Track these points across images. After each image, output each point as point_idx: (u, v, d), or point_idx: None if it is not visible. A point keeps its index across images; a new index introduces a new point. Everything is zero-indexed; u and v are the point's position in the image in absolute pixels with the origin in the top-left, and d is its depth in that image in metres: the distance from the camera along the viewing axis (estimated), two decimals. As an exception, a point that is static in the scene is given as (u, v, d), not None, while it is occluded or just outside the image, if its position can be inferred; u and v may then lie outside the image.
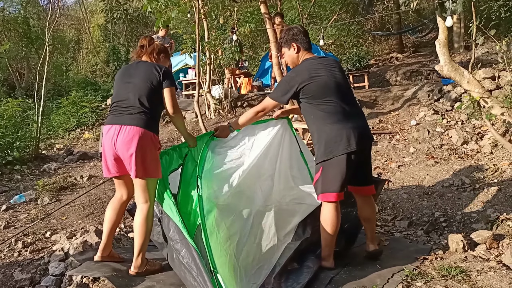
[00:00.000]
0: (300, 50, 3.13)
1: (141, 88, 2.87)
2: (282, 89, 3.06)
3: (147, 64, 3.00)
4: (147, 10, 7.48)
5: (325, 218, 2.96)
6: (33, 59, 15.49)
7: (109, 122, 2.90)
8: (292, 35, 3.14)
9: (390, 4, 17.02)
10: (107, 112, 10.09)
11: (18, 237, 3.99)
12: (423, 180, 4.99)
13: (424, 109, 7.52)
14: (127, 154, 2.79)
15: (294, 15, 15.19)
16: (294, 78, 3.01)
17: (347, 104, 2.98)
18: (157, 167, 2.92)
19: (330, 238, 2.97)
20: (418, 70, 11.88)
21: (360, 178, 3.08)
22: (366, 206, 3.18)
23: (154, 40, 3.16)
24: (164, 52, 3.16)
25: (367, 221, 3.21)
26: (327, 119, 2.92)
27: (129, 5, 17.69)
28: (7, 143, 6.77)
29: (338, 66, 3.12)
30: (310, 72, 2.98)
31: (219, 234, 2.69)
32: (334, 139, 2.88)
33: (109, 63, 16.05)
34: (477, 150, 5.64)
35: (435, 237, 3.75)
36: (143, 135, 2.79)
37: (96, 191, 5.18)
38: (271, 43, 8.37)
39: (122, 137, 2.79)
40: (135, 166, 2.79)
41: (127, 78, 2.97)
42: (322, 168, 2.94)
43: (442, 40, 5.85)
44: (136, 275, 2.89)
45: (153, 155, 2.87)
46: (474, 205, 4.12)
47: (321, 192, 2.96)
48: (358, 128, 2.92)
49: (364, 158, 3.08)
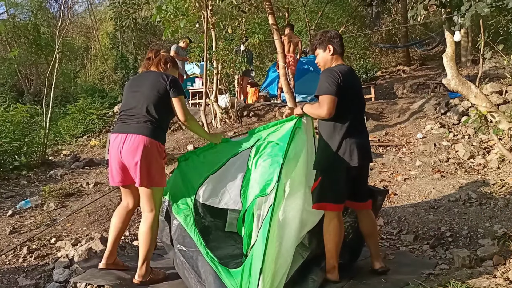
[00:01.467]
0: (335, 53, 3.12)
1: (148, 97, 2.89)
2: (330, 82, 2.91)
3: (154, 74, 3.03)
4: (156, 19, 7.59)
5: (328, 229, 2.96)
6: (42, 65, 15.65)
7: (116, 131, 2.93)
8: (330, 37, 3.14)
9: (397, 17, 17.08)
10: (114, 119, 10.16)
11: (23, 242, 4.00)
12: (429, 194, 4.96)
13: (431, 122, 7.50)
14: (132, 162, 2.81)
15: (301, 27, 15.29)
16: (339, 73, 2.93)
17: (359, 121, 3.04)
18: (162, 176, 2.93)
19: (334, 250, 2.97)
20: (425, 83, 11.86)
21: (357, 194, 3.09)
22: (366, 220, 3.17)
23: (160, 52, 3.19)
24: (171, 62, 3.18)
25: (368, 236, 3.18)
26: (338, 130, 2.95)
27: (138, 14, 17.86)
28: (14, 148, 6.82)
29: (361, 85, 3.18)
30: (348, 78, 2.97)
31: (276, 231, 2.63)
32: (338, 151, 2.92)
33: (117, 70, 16.18)
34: (484, 165, 5.61)
35: (441, 252, 3.71)
36: (149, 144, 2.80)
37: (101, 198, 5.20)
38: (278, 54, 8.40)
39: (128, 145, 2.81)
40: (140, 174, 2.80)
41: (135, 88, 3.00)
42: (321, 177, 2.97)
43: (449, 54, 5.87)
44: (140, 284, 2.89)
45: (158, 164, 2.88)
46: (480, 221, 4.09)
47: (317, 202, 2.99)
48: (362, 146, 2.97)
49: (362, 175, 3.11)
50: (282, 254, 2.67)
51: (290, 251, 2.76)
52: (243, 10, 7.78)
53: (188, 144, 7.97)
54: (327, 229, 2.96)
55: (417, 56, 16.33)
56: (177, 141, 8.38)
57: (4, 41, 15.63)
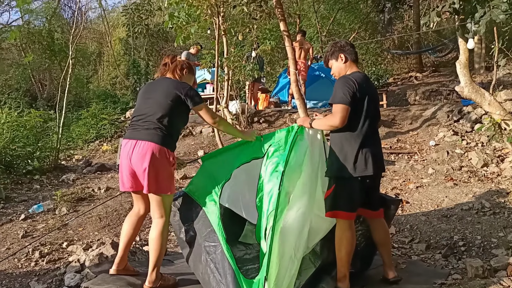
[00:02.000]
0: (347, 60, 3.12)
1: (161, 104, 2.90)
2: (345, 91, 2.89)
3: (170, 81, 3.02)
4: (168, 25, 7.65)
5: (340, 238, 2.94)
6: (56, 70, 15.86)
7: (127, 137, 2.95)
8: (340, 46, 3.15)
9: (409, 23, 17.01)
10: (125, 124, 10.24)
11: (35, 246, 4.04)
12: (442, 202, 4.91)
13: (444, 129, 7.42)
14: (141, 168, 2.82)
15: (313, 33, 15.30)
16: (354, 81, 2.92)
17: (373, 130, 3.02)
18: (171, 184, 2.94)
19: (345, 258, 2.94)
20: (438, 90, 11.76)
21: (370, 203, 3.07)
22: (379, 229, 3.14)
23: (177, 58, 3.19)
24: (187, 68, 3.16)
25: (381, 245, 3.15)
26: (353, 139, 2.93)
27: (150, 20, 18.05)
28: (27, 153, 6.91)
29: (377, 93, 3.18)
30: (363, 86, 2.96)
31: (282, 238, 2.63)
32: (353, 160, 2.90)
33: (129, 76, 16.33)
34: (498, 173, 5.54)
35: (454, 261, 3.66)
36: (157, 151, 2.81)
37: (113, 203, 5.23)
38: (289, 60, 8.41)
39: (137, 152, 2.82)
40: (148, 181, 2.81)
41: (149, 94, 3.01)
42: (335, 185, 2.95)
43: (463, 61, 5.82)
44: None
45: (167, 171, 2.89)
46: (494, 230, 4.03)
47: (330, 210, 2.98)
48: (376, 156, 2.96)
49: (374, 184, 3.10)
50: (288, 261, 2.65)
51: (296, 258, 2.73)
52: (255, 17, 7.80)
53: (198, 150, 8.00)
54: (339, 237, 2.95)
55: (429, 63, 16.23)
56: (188, 146, 8.41)
57: (19, 47, 15.88)
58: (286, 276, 2.62)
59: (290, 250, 2.69)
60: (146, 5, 17.23)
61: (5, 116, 7.18)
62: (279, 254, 2.58)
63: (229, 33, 8.35)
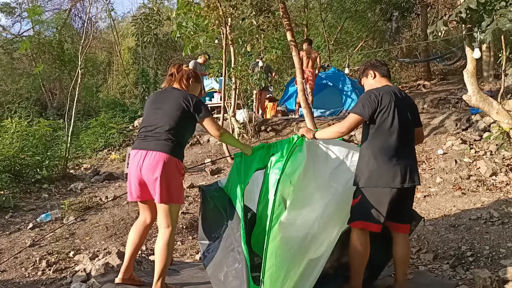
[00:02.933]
0: (376, 76, 3.16)
1: (170, 115, 2.92)
2: (365, 104, 2.95)
3: (178, 93, 3.03)
4: (176, 35, 7.73)
5: (355, 246, 2.94)
6: (66, 80, 16.05)
7: (136, 147, 2.97)
8: (370, 64, 3.22)
9: (417, 32, 16.97)
10: (134, 133, 10.31)
11: (42, 255, 4.07)
12: (450, 211, 4.86)
13: (452, 138, 7.37)
14: (152, 179, 2.84)
15: (320, 42, 15.34)
16: (377, 96, 2.95)
17: (405, 143, 2.98)
18: (181, 193, 2.96)
19: (359, 268, 2.94)
20: (446, 98, 11.68)
21: (397, 215, 3.02)
22: (402, 245, 3.08)
23: (183, 67, 3.21)
24: (193, 78, 3.19)
25: (400, 262, 3.08)
26: (381, 152, 2.93)
27: (159, 30, 18.22)
28: (36, 162, 6.98)
29: (413, 105, 3.16)
30: (391, 101, 2.95)
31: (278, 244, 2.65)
32: (380, 171, 2.90)
33: (138, 85, 16.47)
34: (507, 182, 5.48)
35: (461, 272, 3.62)
36: (168, 161, 2.83)
37: (119, 212, 5.26)
38: (296, 69, 8.44)
39: (148, 162, 2.84)
40: (160, 191, 2.83)
41: (157, 104, 3.03)
42: (362, 195, 2.94)
43: (470, 70, 5.79)
44: None
45: (177, 181, 2.91)
46: (502, 240, 3.98)
47: (356, 220, 2.96)
48: (406, 169, 2.91)
49: (406, 197, 3.04)
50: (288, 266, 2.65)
51: (298, 263, 2.73)
52: (262, 28, 7.85)
53: (206, 159, 8.03)
54: (353, 246, 2.94)
55: (438, 71, 16.14)
56: (195, 155, 8.44)
57: (30, 57, 16.10)
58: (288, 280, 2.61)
59: (290, 256, 2.69)
60: (155, 15, 17.40)
61: (14, 125, 7.26)
62: (276, 258, 2.58)
63: (236, 43, 8.41)
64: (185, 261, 4.16)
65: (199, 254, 4.33)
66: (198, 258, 4.24)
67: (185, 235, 4.85)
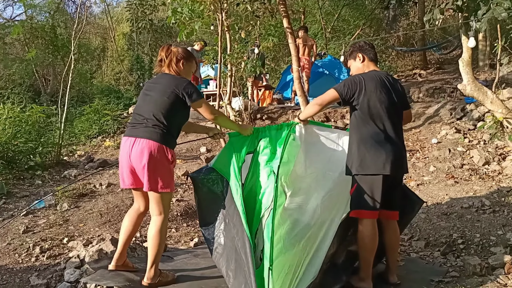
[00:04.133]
0: (365, 59, 3.15)
1: (158, 102, 2.89)
2: (347, 84, 3.00)
3: (168, 78, 2.99)
4: (172, 21, 7.64)
5: (362, 236, 2.95)
6: (59, 66, 15.87)
7: (126, 134, 2.95)
8: (358, 46, 3.19)
9: (415, 20, 16.89)
10: (128, 120, 10.25)
11: (36, 242, 4.07)
12: (442, 200, 4.90)
13: (446, 127, 7.40)
14: (140, 166, 2.83)
15: (317, 29, 15.23)
16: (361, 82, 2.98)
17: (393, 131, 3.00)
18: (170, 181, 2.94)
19: (368, 258, 2.96)
20: (442, 87, 11.68)
21: (387, 202, 3.04)
22: (392, 232, 3.13)
23: (171, 48, 3.07)
24: (184, 58, 3.08)
25: (390, 248, 3.13)
26: (369, 139, 2.95)
27: (154, 16, 18.02)
28: (29, 148, 6.92)
29: (401, 89, 3.13)
30: (377, 87, 2.97)
31: (283, 231, 2.65)
32: (370, 158, 2.92)
33: (132, 71, 16.33)
34: (499, 171, 5.52)
35: (452, 259, 3.67)
36: (156, 149, 2.81)
37: (114, 199, 5.26)
38: (292, 57, 8.39)
39: (136, 149, 2.83)
40: (148, 178, 2.82)
41: (147, 91, 3.01)
42: (357, 184, 2.96)
43: (465, 59, 5.79)
44: (149, 286, 2.90)
45: (166, 168, 2.89)
46: (493, 228, 4.02)
47: (355, 209, 2.99)
48: (394, 156, 2.94)
49: (394, 185, 3.07)
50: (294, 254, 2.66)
51: (304, 251, 2.74)
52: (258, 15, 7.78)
53: (201, 147, 8.01)
54: (361, 236, 2.95)
55: (434, 60, 16.13)
56: (190, 143, 8.41)
57: (22, 42, 15.90)
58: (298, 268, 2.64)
59: (296, 244, 2.70)
60: (150, 0, 17.20)
61: (7, 111, 7.19)
62: (284, 246, 2.59)
63: (232, 29, 8.34)
64: (180, 248, 4.18)
65: (193, 241, 4.36)
66: (192, 245, 4.26)
67: (179, 222, 4.87)
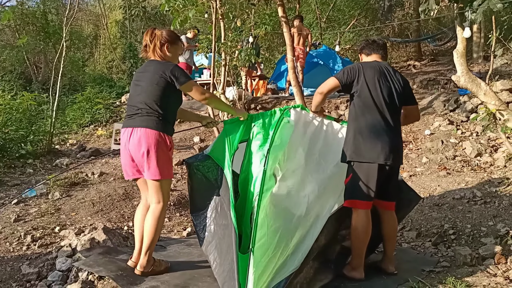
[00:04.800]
0: (371, 54, 3.24)
1: (148, 91, 2.86)
2: (346, 71, 3.06)
3: (154, 65, 2.93)
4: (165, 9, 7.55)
5: (356, 226, 2.97)
6: (51, 53, 15.67)
7: (124, 125, 2.94)
8: (369, 42, 3.28)
9: (410, 11, 16.85)
10: (121, 109, 10.19)
11: (27, 230, 4.04)
12: (434, 191, 4.93)
13: (439, 119, 7.42)
14: (139, 155, 2.82)
15: (312, 19, 15.16)
16: (360, 69, 3.03)
17: (391, 122, 3.01)
18: (169, 168, 2.93)
19: (361, 247, 2.99)
20: (435, 79, 11.70)
21: (383, 192, 3.07)
22: (390, 222, 3.15)
23: (155, 32, 2.99)
24: (168, 42, 3.00)
25: (388, 238, 3.16)
26: (366, 128, 2.97)
27: (147, 3, 17.85)
28: (20, 136, 6.85)
29: (404, 82, 3.14)
30: (375, 75, 3.00)
31: (269, 215, 2.63)
32: (365, 146, 2.94)
33: (125, 60, 16.19)
34: (491, 163, 5.55)
35: (443, 249, 3.70)
36: (153, 136, 2.80)
37: (106, 188, 5.23)
38: (287, 46, 8.34)
39: (134, 139, 2.82)
40: (148, 167, 2.81)
41: (137, 81, 2.97)
42: (352, 173, 2.98)
43: (460, 50, 5.76)
44: (141, 274, 2.90)
45: (165, 155, 2.88)
46: (484, 219, 4.05)
47: (349, 198, 3.00)
48: (390, 146, 2.95)
49: (390, 175, 3.08)
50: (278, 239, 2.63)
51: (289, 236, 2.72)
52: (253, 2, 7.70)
53: (194, 136, 7.99)
54: (355, 226, 2.97)
55: (428, 51, 16.12)
56: (184, 132, 8.37)
57: (13, 28, 15.67)
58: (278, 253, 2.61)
59: (281, 228, 2.68)
60: (143, -13, 17.04)
61: (-2, 99, 7.12)
62: (268, 229, 2.57)
63: (226, 18, 8.26)
64: (172, 237, 4.18)
65: (186, 230, 4.35)
66: (185, 235, 4.26)
67: (172, 212, 4.86)
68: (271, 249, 2.56)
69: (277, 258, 2.59)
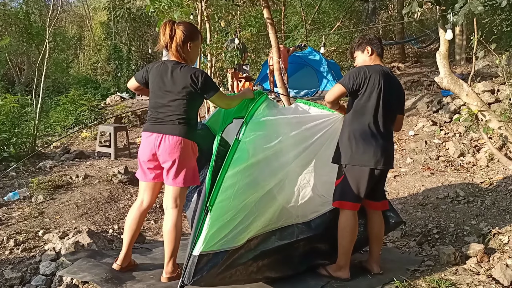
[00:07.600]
0: (373, 53, 3.16)
1: (176, 100, 2.80)
2: (352, 76, 2.99)
3: (181, 73, 2.81)
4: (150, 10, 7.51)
5: (344, 226, 2.99)
6: (34, 54, 15.47)
7: (150, 130, 2.86)
8: (368, 39, 3.19)
9: (394, 14, 17.05)
10: (105, 111, 10.09)
11: (10, 234, 3.97)
12: (418, 191, 5.00)
13: (423, 120, 7.53)
14: (168, 162, 2.79)
15: (297, 21, 15.23)
16: (366, 73, 2.97)
17: (385, 128, 3.02)
18: (195, 175, 2.92)
19: (347, 247, 3.00)
20: (419, 80, 11.86)
21: (372, 194, 3.09)
22: (377, 222, 3.18)
23: (175, 28, 2.85)
24: (190, 39, 2.88)
25: (375, 239, 3.19)
26: (362, 131, 2.97)
27: (132, 4, 17.69)
28: (3, 139, 6.73)
29: (400, 89, 3.16)
30: (380, 81, 2.97)
31: (239, 183, 2.61)
32: (361, 150, 2.95)
33: (110, 61, 16.04)
34: (473, 163, 5.65)
35: (427, 248, 3.74)
36: (185, 145, 2.79)
37: (91, 191, 5.18)
38: (273, 48, 8.37)
39: (164, 146, 2.78)
40: (175, 174, 2.80)
41: (164, 86, 2.85)
42: (344, 176, 2.99)
43: (443, 52, 5.86)
44: (168, 280, 2.85)
45: (192, 163, 2.88)
46: (467, 218, 4.12)
47: (338, 199, 3.02)
48: (384, 151, 2.97)
49: (380, 178, 3.12)
50: (241, 207, 2.63)
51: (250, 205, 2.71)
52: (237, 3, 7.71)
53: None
54: (342, 226, 2.99)
55: (412, 53, 16.33)
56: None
57: (-5, 29, 15.44)
58: (236, 222, 2.60)
59: (245, 196, 2.67)
60: (127, -12, 16.89)
61: (-21, 101, 6.99)
62: (232, 194, 2.57)
63: (212, 19, 8.26)
64: (159, 240, 4.15)
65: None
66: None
67: (158, 214, 4.82)
68: (228, 214, 2.56)
69: (232, 226, 2.58)
